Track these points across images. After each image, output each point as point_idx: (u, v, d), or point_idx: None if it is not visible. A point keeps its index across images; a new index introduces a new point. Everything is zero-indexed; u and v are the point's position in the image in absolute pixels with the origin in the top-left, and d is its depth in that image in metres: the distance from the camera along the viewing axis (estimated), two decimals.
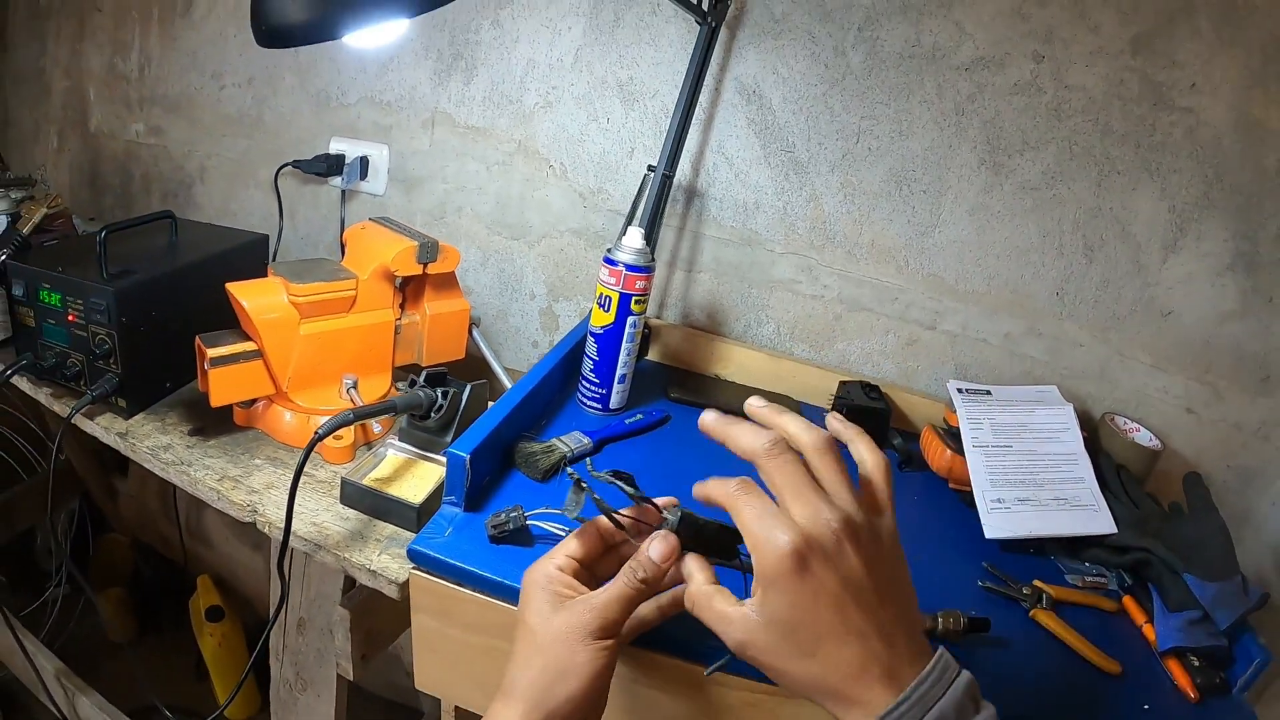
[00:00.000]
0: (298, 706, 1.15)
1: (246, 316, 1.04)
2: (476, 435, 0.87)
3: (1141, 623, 0.89)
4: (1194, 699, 0.80)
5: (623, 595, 0.59)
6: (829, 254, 1.27)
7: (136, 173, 1.78)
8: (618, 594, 0.59)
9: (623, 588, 0.59)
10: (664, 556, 0.59)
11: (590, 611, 0.58)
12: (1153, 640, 0.86)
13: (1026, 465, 1.03)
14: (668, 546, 0.59)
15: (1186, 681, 0.81)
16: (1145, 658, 0.85)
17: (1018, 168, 1.15)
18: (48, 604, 2.01)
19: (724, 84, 1.25)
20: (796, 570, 0.51)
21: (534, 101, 1.36)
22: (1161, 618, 0.87)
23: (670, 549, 0.59)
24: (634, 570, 0.59)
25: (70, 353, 1.08)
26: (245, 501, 0.98)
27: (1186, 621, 0.85)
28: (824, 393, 1.23)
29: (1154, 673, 0.83)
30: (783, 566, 0.51)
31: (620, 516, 0.63)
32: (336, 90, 1.50)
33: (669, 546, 0.59)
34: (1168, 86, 1.07)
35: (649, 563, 0.59)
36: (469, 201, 1.46)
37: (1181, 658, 0.83)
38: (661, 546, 0.59)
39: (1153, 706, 0.78)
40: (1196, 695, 0.80)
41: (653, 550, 0.59)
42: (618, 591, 0.59)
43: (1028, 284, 1.20)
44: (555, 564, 0.63)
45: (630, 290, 1.03)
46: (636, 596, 0.59)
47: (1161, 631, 0.86)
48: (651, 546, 0.60)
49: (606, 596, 0.59)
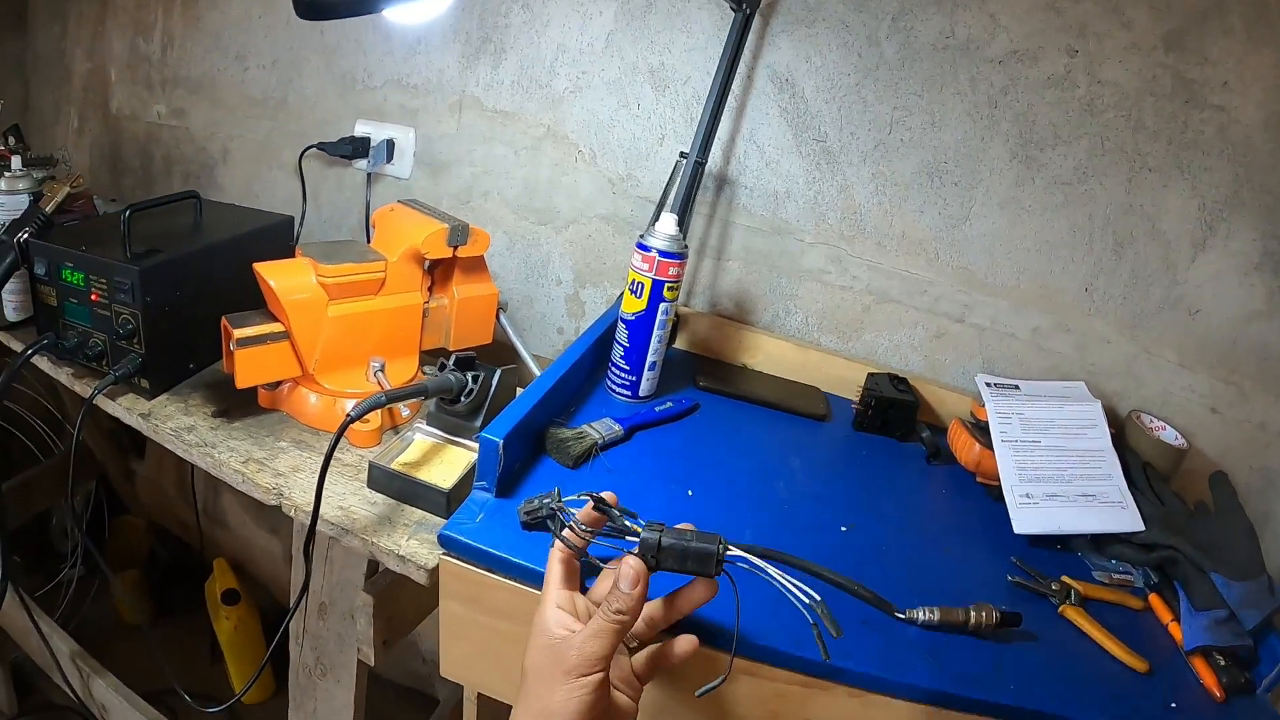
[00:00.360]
0: (316, 692, 1.15)
1: (274, 297, 1.03)
2: (509, 420, 0.86)
3: (1168, 621, 0.88)
4: (1219, 698, 0.79)
5: (598, 630, 0.59)
6: (859, 245, 1.26)
7: (158, 154, 1.77)
8: (593, 630, 0.60)
9: (598, 623, 0.60)
10: (633, 583, 0.60)
11: (568, 649, 0.59)
12: (1179, 639, 0.86)
13: (1055, 461, 1.03)
14: (634, 573, 0.60)
15: (1212, 680, 0.80)
16: (1171, 656, 0.84)
17: (1049, 162, 1.14)
18: (63, 585, 2.01)
19: (756, 71, 1.23)
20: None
21: (564, 86, 1.35)
22: (1188, 616, 0.86)
23: (637, 575, 0.60)
24: (608, 603, 0.60)
25: (93, 333, 1.08)
26: (271, 485, 0.97)
27: (1213, 621, 0.84)
28: (851, 384, 1.23)
29: (1180, 671, 0.83)
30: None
31: (581, 534, 0.65)
32: (362, 72, 1.49)
33: (636, 573, 0.60)
34: (1200, 84, 1.06)
35: (620, 594, 0.60)
36: (496, 186, 1.45)
37: (1207, 657, 0.83)
38: (629, 574, 0.60)
39: (1179, 705, 0.78)
40: (1222, 694, 0.79)
41: (622, 581, 0.60)
42: (593, 628, 0.60)
43: (1057, 279, 1.19)
44: (552, 603, 0.64)
45: (663, 277, 1.02)
46: (615, 628, 0.59)
47: (1188, 630, 0.85)
48: (620, 577, 0.60)
49: (583, 634, 0.60)
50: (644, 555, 0.61)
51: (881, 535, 0.94)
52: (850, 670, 0.73)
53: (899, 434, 1.17)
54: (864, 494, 1.03)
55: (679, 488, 0.94)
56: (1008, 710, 0.74)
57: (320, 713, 1.16)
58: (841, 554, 0.88)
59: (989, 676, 0.75)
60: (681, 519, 0.84)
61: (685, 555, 0.61)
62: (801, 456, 1.08)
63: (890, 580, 0.84)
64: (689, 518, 0.86)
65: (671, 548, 0.61)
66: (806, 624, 0.74)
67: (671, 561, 0.61)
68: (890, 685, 0.74)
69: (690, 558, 0.61)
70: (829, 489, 1.02)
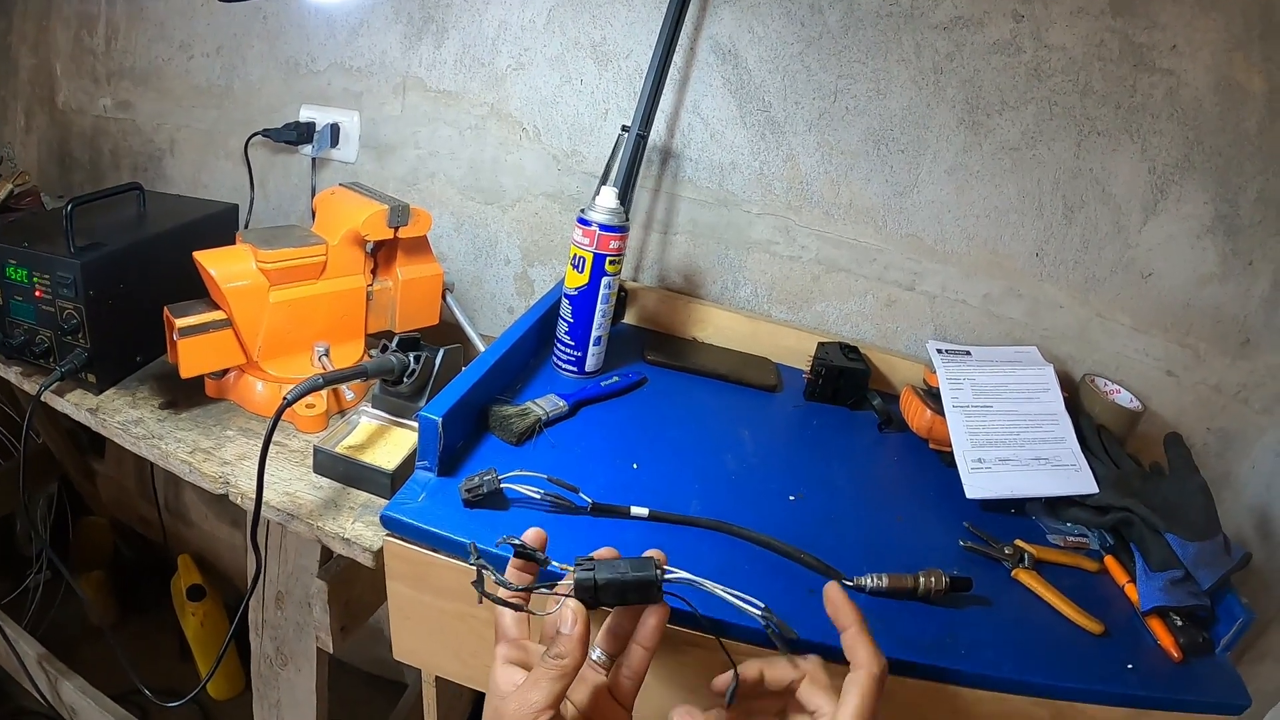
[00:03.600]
0: (279, 681, 1.15)
1: (215, 285, 1.02)
2: (449, 398, 0.85)
3: (1124, 582, 0.89)
4: (1177, 658, 0.80)
5: (536, 679, 0.58)
6: (806, 215, 1.25)
7: (106, 148, 1.74)
8: (533, 679, 0.58)
9: (537, 671, 0.58)
10: (572, 625, 0.58)
11: (509, 703, 0.58)
12: (1135, 600, 0.86)
13: (1007, 425, 1.03)
14: (572, 616, 0.59)
15: (1170, 641, 0.81)
16: (1128, 617, 0.85)
17: (997, 127, 1.14)
18: (29, 590, 1.99)
19: (699, 43, 1.22)
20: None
21: (506, 64, 1.33)
22: (1144, 577, 0.87)
23: (574, 616, 0.59)
24: (548, 649, 0.58)
25: (38, 329, 1.06)
26: (217, 474, 0.96)
27: (1169, 581, 0.84)
28: (802, 354, 1.22)
29: (1137, 632, 0.83)
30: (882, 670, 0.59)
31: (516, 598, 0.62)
32: (306, 57, 1.47)
33: (573, 616, 0.59)
34: (1148, 48, 1.06)
35: (561, 638, 0.58)
36: (442, 167, 1.44)
37: (1164, 617, 0.83)
38: (568, 617, 0.59)
39: (1136, 666, 0.78)
40: (1180, 655, 0.80)
41: (561, 625, 0.59)
42: (533, 676, 0.58)
43: (1007, 245, 1.19)
44: (500, 660, 0.61)
45: (604, 250, 1.02)
46: (555, 674, 0.58)
47: (1144, 591, 0.85)
48: (559, 620, 0.59)
49: (524, 684, 0.58)
50: (580, 596, 0.59)
51: (832, 504, 0.94)
52: (798, 640, 0.73)
53: (850, 403, 1.17)
54: (815, 463, 1.03)
55: (624, 461, 0.93)
56: (960, 675, 0.74)
57: (284, 703, 1.16)
58: (790, 524, 0.88)
59: (941, 642, 0.76)
60: (626, 492, 0.85)
61: (624, 589, 0.60)
62: (751, 428, 1.08)
63: (841, 549, 0.84)
64: (634, 490, 0.87)
65: (610, 584, 0.59)
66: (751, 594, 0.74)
67: (611, 597, 0.60)
68: (839, 653, 0.73)
69: (630, 589, 0.60)
70: (778, 459, 1.02)
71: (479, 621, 0.80)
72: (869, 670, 0.59)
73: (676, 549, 0.79)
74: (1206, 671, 0.79)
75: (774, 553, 0.82)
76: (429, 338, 1.07)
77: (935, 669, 0.74)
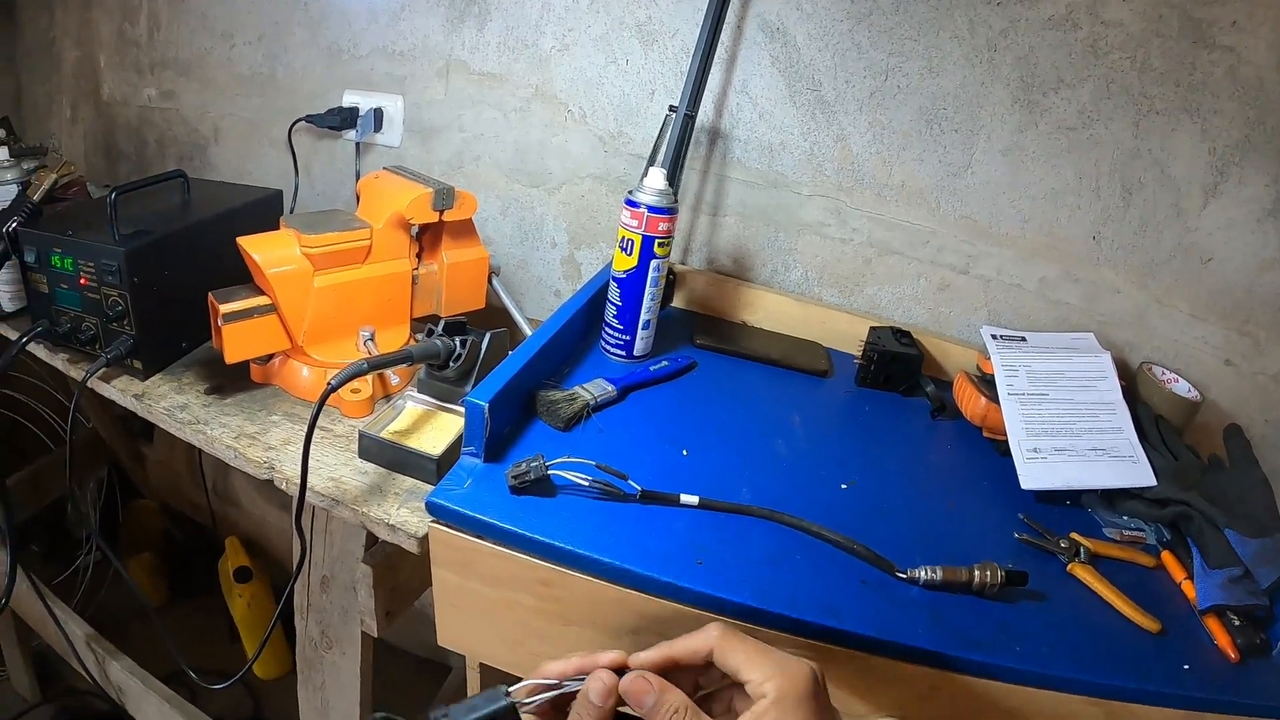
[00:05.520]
0: (324, 665, 1.15)
1: (259, 270, 1.02)
2: (495, 383, 0.84)
3: (1180, 579, 0.86)
4: (1234, 659, 0.76)
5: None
6: (858, 196, 1.23)
7: (151, 138, 1.76)
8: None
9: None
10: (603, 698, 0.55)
11: None
12: (1192, 598, 0.83)
13: (1063, 414, 1.00)
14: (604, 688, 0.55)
15: (1227, 641, 0.78)
16: (1185, 616, 0.81)
17: (1053, 106, 1.11)
18: (79, 571, 2.03)
19: (746, 21, 1.20)
20: (815, 692, 0.54)
21: (550, 45, 1.32)
22: (1201, 574, 0.84)
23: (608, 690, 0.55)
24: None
25: (84, 317, 1.07)
26: (262, 459, 0.96)
27: (1227, 579, 0.81)
28: (854, 338, 1.20)
29: (1194, 631, 0.80)
30: (808, 687, 0.53)
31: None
32: (348, 43, 1.47)
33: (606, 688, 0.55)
34: (1208, 24, 1.02)
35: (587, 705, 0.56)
36: (487, 150, 1.43)
37: (1222, 616, 0.80)
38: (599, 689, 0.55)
39: (1192, 666, 0.75)
40: (1237, 655, 0.77)
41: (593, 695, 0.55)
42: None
43: (1064, 227, 1.15)
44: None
45: (653, 233, 1.00)
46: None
47: (1201, 589, 0.82)
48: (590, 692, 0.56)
49: None
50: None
51: (884, 493, 0.92)
52: (850, 632, 0.71)
53: (903, 389, 1.15)
54: (867, 450, 1.01)
55: (674, 448, 0.92)
56: (1013, 673, 0.71)
57: (328, 685, 1.17)
58: (842, 512, 0.86)
59: (994, 638, 0.73)
60: (677, 479, 0.85)
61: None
62: (802, 413, 1.05)
63: (893, 539, 0.82)
64: (684, 477, 0.86)
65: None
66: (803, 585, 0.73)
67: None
68: (890, 648, 0.71)
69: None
70: (830, 446, 1.00)
71: (525, 609, 0.80)
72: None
73: (727, 538, 0.79)
74: (1264, 673, 0.76)
75: (826, 543, 0.80)
76: (475, 322, 1.06)
77: (988, 665, 0.71)
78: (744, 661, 0.55)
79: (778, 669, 0.54)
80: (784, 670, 0.54)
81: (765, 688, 0.53)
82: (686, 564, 0.75)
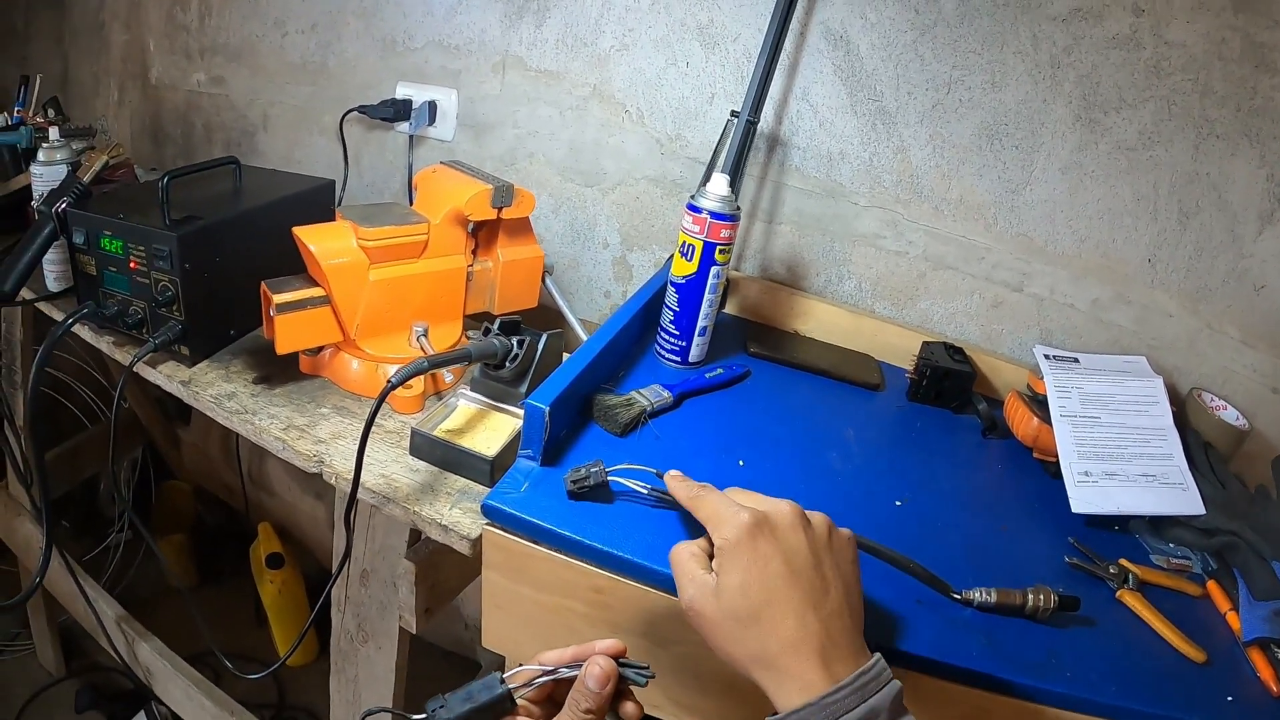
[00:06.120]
0: (358, 657, 1.15)
1: (314, 261, 1.01)
2: (555, 386, 0.83)
3: (1225, 610, 0.84)
4: (1276, 693, 0.75)
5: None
6: (915, 209, 1.21)
7: (198, 123, 1.77)
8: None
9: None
10: (600, 683, 0.56)
11: None
12: (1237, 629, 0.81)
13: (1114, 438, 0.99)
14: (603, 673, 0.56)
15: (1270, 674, 0.76)
16: (1229, 646, 0.80)
17: (1114, 126, 1.09)
18: (110, 549, 2.04)
19: (809, 28, 1.19)
20: (750, 538, 0.58)
21: (609, 44, 1.31)
22: (1247, 606, 0.82)
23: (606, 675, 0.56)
24: (575, 703, 0.57)
25: (132, 300, 1.06)
26: (311, 452, 0.95)
27: (1273, 612, 0.80)
28: (905, 352, 1.18)
29: (1237, 663, 0.78)
30: (740, 534, 0.58)
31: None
32: (403, 34, 1.47)
33: (604, 673, 0.56)
34: (1270, 48, 0.99)
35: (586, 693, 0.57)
36: (541, 147, 1.43)
37: (1265, 649, 0.78)
38: (597, 674, 0.56)
39: (1236, 697, 0.74)
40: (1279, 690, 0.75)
41: (590, 681, 0.56)
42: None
43: (1119, 249, 1.13)
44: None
45: (715, 239, 0.99)
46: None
47: (1246, 620, 0.81)
48: (587, 677, 0.57)
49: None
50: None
51: (936, 510, 0.91)
52: (905, 652, 0.70)
53: (954, 405, 1.13)
54: (919, 467, 0.99)
55: (729, 457, 0.91)
56: (1063, 698, 0.70)
57: (361, 678, 1.16)
58: (896, 529, 0.85)
59: (1045, 662, 0.72)
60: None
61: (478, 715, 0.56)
62: (855, 426, 1.04)
63: (945, 558, 0.81)
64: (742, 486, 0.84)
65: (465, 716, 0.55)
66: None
67: None
68: (944, 669, 0.71)
69: (483, 712, 0.56)
70: (883, 460, 0.99)
71: (574, 615, 0.79)
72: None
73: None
74: None
75: (883, 560, 0.78)
76: (527, 321, 1.06)
77: (1038, 690, 0.70)
78: (708, 517, 0.62)
79: (722, 520, 0.60)
80: (727, 521, 0.60)
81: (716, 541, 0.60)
82: None
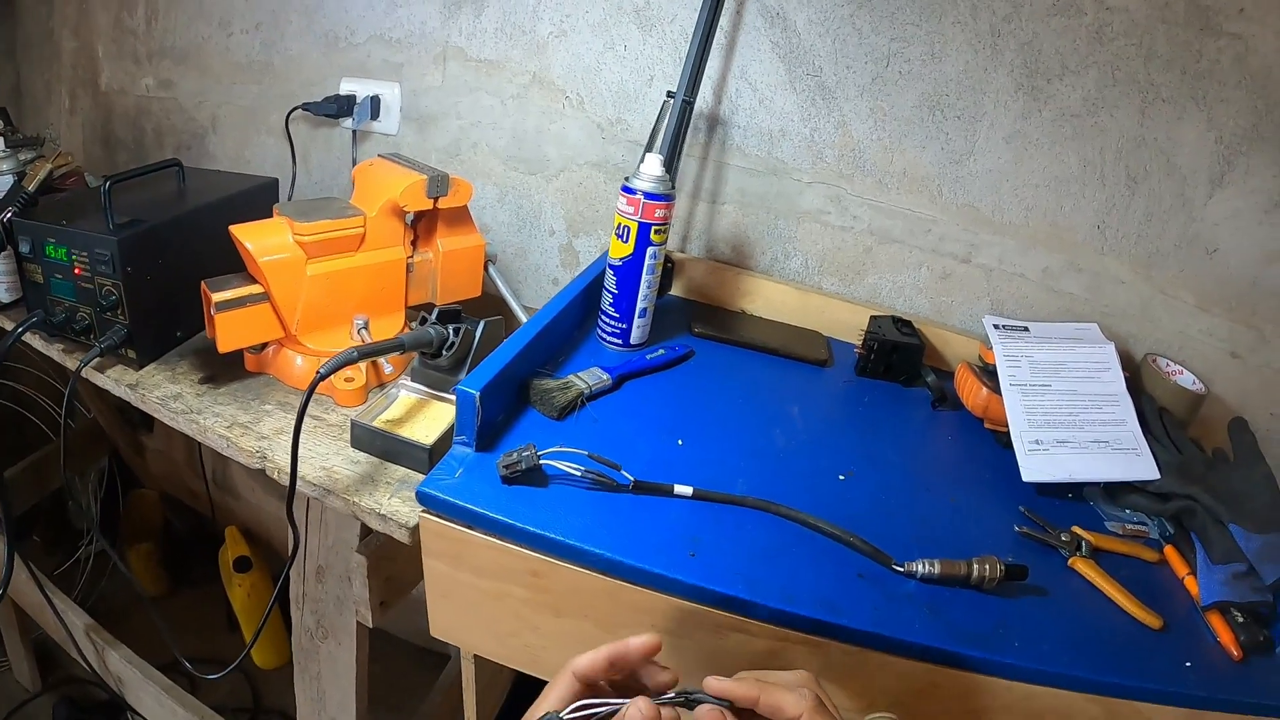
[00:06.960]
0: (319, 654, 1.14)
1: (251, 258, 1.01)
2: (488, 372, 0.83)
3: (1184, 575, 0.85)
4: (1237, 657, 0.75)
5: None
6: (859, 183, 1.21)
7: (149, 127, 1.75)
8: None
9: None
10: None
11: None
12: (1195, 594, 0.82)
13: (1066, 406, 0.99)
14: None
15: (1229, 638, 0.77)
16: (1187, 612, 0.81)
17: (1057, 93, 1.09)
18: (81, 561, 2.03)
19: (745, 6, 1.18)
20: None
21: (548, 31, 1.30)
22: (1205, 570, 0.83)
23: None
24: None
25: (79, 306, 1.06)
26: (254, 448, 0.95)
27: (1231, 575, 0.81)
28: (854, 328, 1.19)
29: (1196, 628, 0.79)
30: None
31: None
32: (345, 30, 1.46)
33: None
34: (1215, 11, 1.00)
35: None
36: (484, 137, 1.42)
37: (1225, 613, 0.79)
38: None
39: (1194, 663, 0.74)
40: (1240, 653, 0.76)
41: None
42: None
43: (1067, 216, 1.14)
44: None
45: (649, 219, 0.99)
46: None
47: (1205, 584, 0.81)
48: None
49: None
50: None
51: (883, 484, 0.91)
52: (846, 627, 0.70)
53: (903, 379, 1.14)
54: (866, 441, 0.99)
55: (669, 437, 0.91)
56: (1012, 669, 0.71)
57: (324, 675, 1.16)
58: (840, 504, 0.85)
59: (992, 633, 0.72)
60: (670, 469, 0.84)
61: None
62: (800, 403, 1.04)
63: (891, 531, 0.81)
64: (678, 468, 0.85)
65: None
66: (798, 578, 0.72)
67: None
68: (887, 642, 0.71)
69: None
70: (829, 436, 0.99)
71: (516, 601, 0.79)
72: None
73: (721, 529, 0.78)
74: (1266, 672, 0.75)
75: (822, 535, 0.79)
76: (472, 310, 1.06)
77: (986, 661, 0.70)
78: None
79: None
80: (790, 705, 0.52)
81: None
82: (679, 556, 0.74)
